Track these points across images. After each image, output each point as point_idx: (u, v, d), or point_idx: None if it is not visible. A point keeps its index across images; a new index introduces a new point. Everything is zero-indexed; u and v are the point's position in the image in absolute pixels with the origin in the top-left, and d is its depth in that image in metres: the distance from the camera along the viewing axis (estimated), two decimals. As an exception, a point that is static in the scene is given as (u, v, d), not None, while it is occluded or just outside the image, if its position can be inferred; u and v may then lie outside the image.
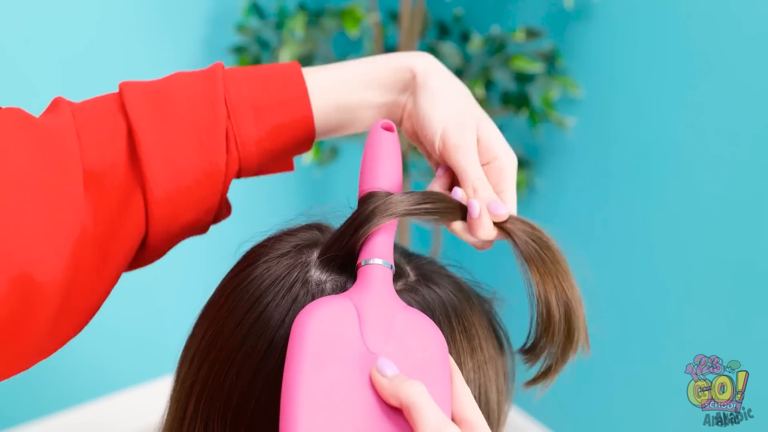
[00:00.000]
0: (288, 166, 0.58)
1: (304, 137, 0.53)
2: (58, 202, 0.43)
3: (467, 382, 0.46)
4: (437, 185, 0.52)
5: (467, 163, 0.50)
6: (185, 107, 0.48)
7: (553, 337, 0.47)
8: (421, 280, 0.49)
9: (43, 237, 0.42)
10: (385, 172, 0.48)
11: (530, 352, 0.49)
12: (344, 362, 0.39)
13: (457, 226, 0.49)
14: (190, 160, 0.48)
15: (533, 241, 0.48)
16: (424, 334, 0.42)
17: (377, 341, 0.40)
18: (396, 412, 0.38)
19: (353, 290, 0.43)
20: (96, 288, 0.47)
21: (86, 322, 0.48)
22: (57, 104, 0.48)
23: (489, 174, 0.51)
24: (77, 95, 1.64)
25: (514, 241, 0.48)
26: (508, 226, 0.49)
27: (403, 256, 0.51)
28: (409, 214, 0.46)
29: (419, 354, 0.41)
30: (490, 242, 0.50)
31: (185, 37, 1.61)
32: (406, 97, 0.54)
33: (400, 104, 0.55)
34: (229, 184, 0.51)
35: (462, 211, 0.49)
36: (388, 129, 0.51)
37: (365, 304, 0.42)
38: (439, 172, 0.53)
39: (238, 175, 0.53)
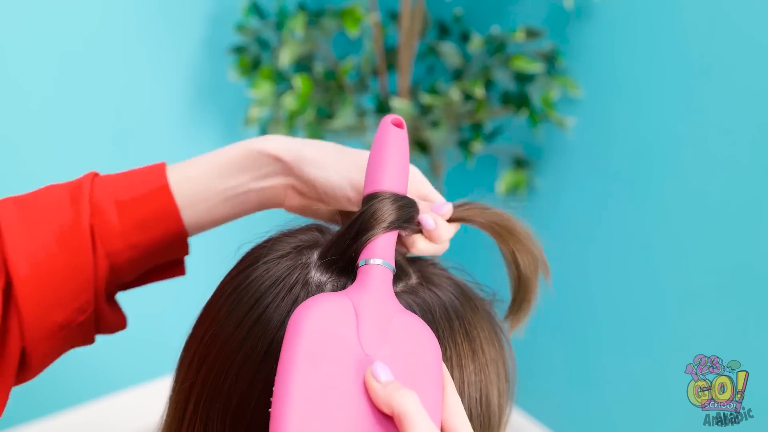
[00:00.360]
0: (177, 270, 0.58)
1: (173, 231, 0.54)
2: None
3: (468, 384, 0.46)
4: None
5: None
6: (51, 210, 0.50)
7: (527, 289, 0.52)
8: (422, 282, 0.49)
9: None
10: (392, 172, 0.48)
11: (514, 311, 0.53)
12: (339, 362, 0.38)
13: (421, 245, 0.52)
14: (53, 258, 0.49)
15: (487, 214, 0.53)
16: (419, 340, 0.41)
17: (373, 343, 0.40)
18: (387, 418, 0.38)
19: (352, 289, 0.43)
20: None
21: None
22: None
23: (411, 188, 0.54)
24: (75, 96, 1.63)
25: (472, 222, 0.52)
26: (458, 215, 0.53)
27: (404, 258, 0.51)
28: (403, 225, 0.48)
29: (413, 360, 0.40)
30: (448, 242, 0.53)
31: (185, 37, 1.61)
32: (278, 180, 0.55)
33: (274, 188, 0.55)
34: (103, 288, 0.52)
35: (418, 231, 0.51)
36: (398, 125, 0.50)
37: (364, 304, 0.41)
38: None
39: (118, 277, 0.53)
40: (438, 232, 0.50)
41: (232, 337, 0.45)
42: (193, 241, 0.61)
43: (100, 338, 1.95)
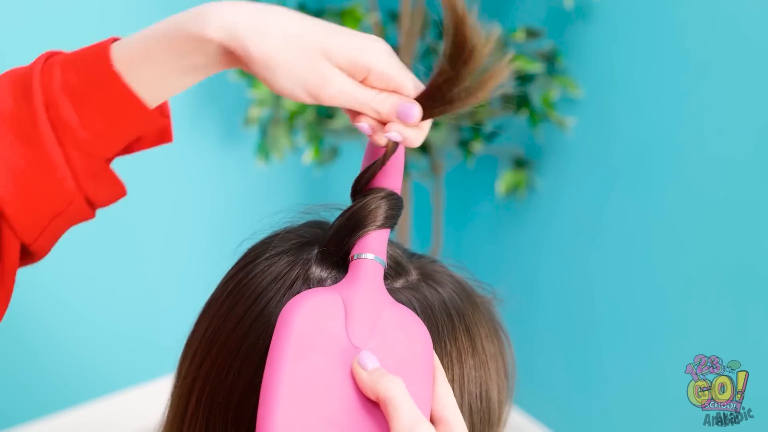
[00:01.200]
0: (164, 137, 0.52)
1: (135, 110, 0.47)
2: None
3: (468, 380, 0.47)
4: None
5: (348, 99, 0.46)
6: (4, 106, 0.47)
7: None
8: (422, 279, 0.49)
9: None
10: (387, 169, 0.48)
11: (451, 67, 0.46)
12: (327, 355, 0.39)
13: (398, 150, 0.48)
14: (21, 155, 0.46)
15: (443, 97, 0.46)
16: (409, 332, 0.42)
17: (361, 336, 0.41)
18: (375, 407, 0.39)
19: (343, 284, 0.44)
20: None
21: None
22: None
23: (375, 84, 0.47)
24: None
25: (446, 110, 0.46)
26: (429, 111, 0.47)
27: (406, 255, 0.51)
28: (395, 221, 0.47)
29: (402, 351, 0.41)
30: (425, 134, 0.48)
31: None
32: (229, 64, 0.47)
33: (231, 58, 0.47)
34: (82, 170, 0.47)
35: (393, 146, 0.47)
36: None
37: (353, 298, 0.42)
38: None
39: (97, 156, 0.48)
40: (409, 137, 0.46)
41: (234, 333, 0.45)
42: (193, 240, 0.61)
43: (100, 338, 1.94)
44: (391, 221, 0.47)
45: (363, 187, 0.48)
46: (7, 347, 1.60)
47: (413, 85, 0.47)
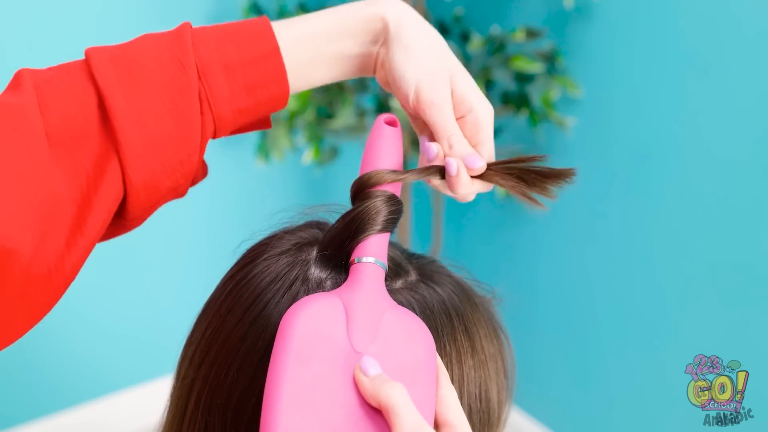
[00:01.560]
0: (265, 124, 0.56)
1: (278, 94, 0.52)
2: (21, 172, 0.42)
3: (468, 380, 0.47)
4: (425, 159, 0.52)
5: (442, 119, 0.50)
6: (155, 71, 0.47)
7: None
8: (422, 280, 0.49)
9: (7, 206, 0.42)
10: (386, 168, 0.48)
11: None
12: (328, 361, 0.39)
13: (437, 182, 0.50)
14: (164, 125, 0.47)
15: (510, 173, 0.49)
16: (412, 335, 0.42)
17: (363, 341, 0.41)
18: (378, 414, 0.38)
19: (344, 288, 0.44)
20: (71, 254, 0.46)
21: (60, 293, 0.47)
22: (19, 79, 0.46)
23: (464, 127, 0.51)
24: None
25: (499, 184, 0.49)
26: (489, 174, 0.49)
27: (405, 256, 0.51)
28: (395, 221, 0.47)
29: (405, 355, 0.41)
30: (472, 194, 0.51)
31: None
32: (378, 47, 0.53)
33: (373, 55, 0.53)
34: (205, 146, 0.50)
35: (441, 170, 0.49)
36: (392, 124, 0.50)
37: (354, 303, 0.42)
38: (423, 145, 0.53)
39: (214, 136, 0.51)
40: (458, 179, 0.48)
41: (233, 333, 0.45)
42: (193, 240, 0.61)
43: (100, 338, 1.92)
44: (391, 225, 0.47)
45: (363, 189, 0.48)
46: (7, 347, 1.60)
47: (488, 153, 0.51)
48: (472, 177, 0.49)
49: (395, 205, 0.47)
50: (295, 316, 0.40)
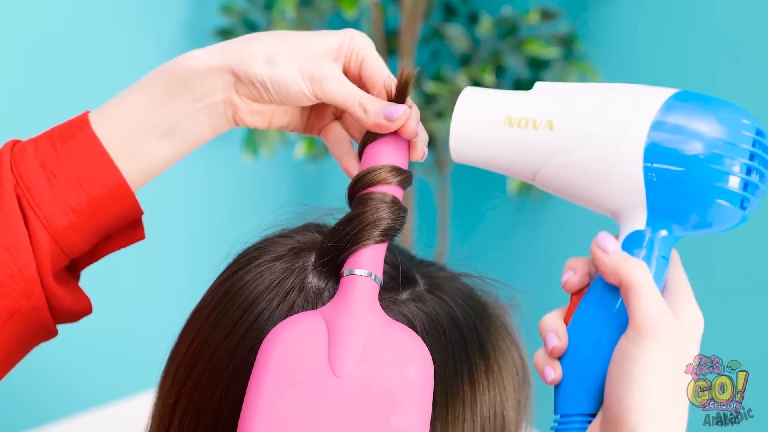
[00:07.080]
0: (136, 235, 0.56)
1: (114, 184, 0.51)
2: None
3: (481, 402, 0.47)
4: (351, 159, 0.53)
5: (343, 88, 0.49)
6: None
7: None
8: (431, 290, 0.49)
9: None
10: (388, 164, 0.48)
11: None
12: (306, 387, 0.40)
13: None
14: None
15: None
16: (402, 354, 0.42)
17: (344, 364, 0.40)
18: None
19: (330, 305, 0.43)
20: None
21: None
22: None
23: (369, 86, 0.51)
24: (45, 82, 1.63)
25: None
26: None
27: (413, 263, 0.51)
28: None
29: (392, 377, 0.41)
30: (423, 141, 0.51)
31: (165, 19, 1.62)
32: (218, 95, 0.51)
33: (220, 104, 0.51)
34: (47, 262, 0.49)
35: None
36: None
37: (338, 322, 0.42)
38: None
39: (65, 250, 0.50)
40: (407, 129, 0.49)
41: (222, 347, 0.45)
42: (175, 243, 0.62)
43: (71, 353, 1.95)
44: (390, 235, 0.46)
45: (361, 189, 0.47)
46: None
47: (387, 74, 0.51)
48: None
49: (397, 210, 0.46)
50: (272, 343, 0.41)
